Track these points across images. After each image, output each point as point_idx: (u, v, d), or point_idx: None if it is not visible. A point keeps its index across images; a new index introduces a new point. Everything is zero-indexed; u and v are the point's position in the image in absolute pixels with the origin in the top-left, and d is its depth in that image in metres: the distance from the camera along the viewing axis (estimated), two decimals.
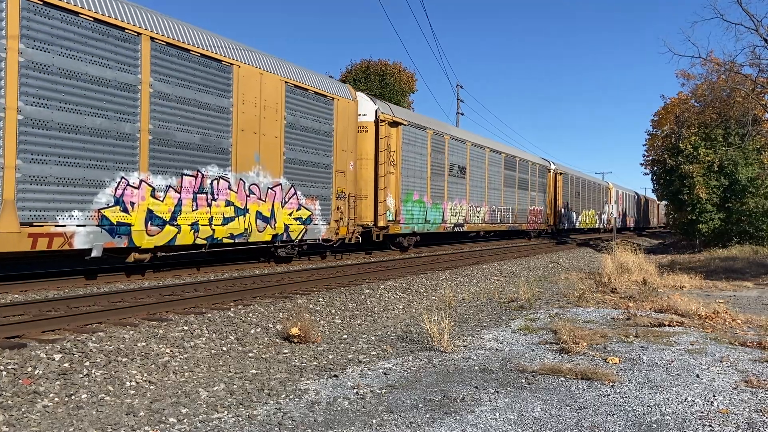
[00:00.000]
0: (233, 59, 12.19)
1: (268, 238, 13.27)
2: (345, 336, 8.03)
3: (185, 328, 7.24)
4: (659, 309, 9.91)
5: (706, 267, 18.41)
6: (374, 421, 4.65)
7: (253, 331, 7.67)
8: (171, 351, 6.48)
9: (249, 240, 12.69)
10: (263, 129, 13.08)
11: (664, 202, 58.82)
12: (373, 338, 7.86)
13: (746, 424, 4.65)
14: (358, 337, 7.96)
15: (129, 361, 6.00)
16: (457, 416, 4.75)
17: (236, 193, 12.30)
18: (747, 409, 4.99)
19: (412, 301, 11.21)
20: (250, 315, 8.27)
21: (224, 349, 6.92)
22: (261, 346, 7.18)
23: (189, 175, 11.16)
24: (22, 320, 6.86)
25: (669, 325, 8.56)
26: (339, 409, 4.96)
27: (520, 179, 29.70)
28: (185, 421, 4.66)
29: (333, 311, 9.35)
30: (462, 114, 38.27)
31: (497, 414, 4.81)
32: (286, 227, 13.79)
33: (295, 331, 7.34)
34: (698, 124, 28.84)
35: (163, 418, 4.71)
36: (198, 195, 11.34)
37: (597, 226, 46.31)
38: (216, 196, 11.77)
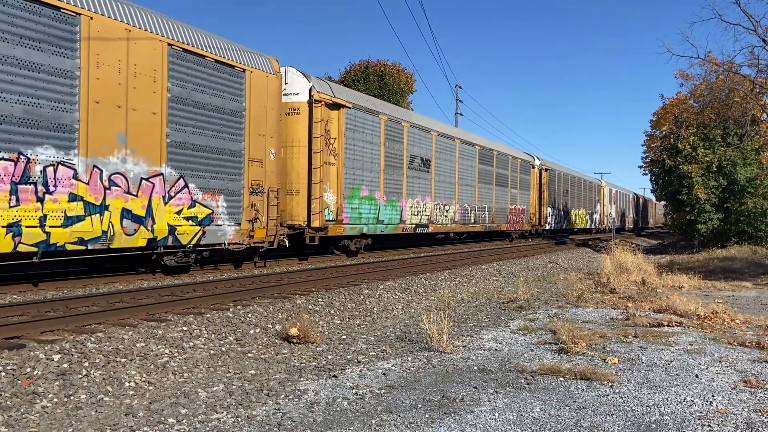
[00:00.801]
0: (80, 7, 9.42)
1: (143, 243, 10.47)
2: (344, 336, 8.03)
3: (184, 328, 7.24)
4: (658, 309, 9.92)
5: (705, 267, 18.43)
6: (373, 421, 4.65)
7: (252, 331, 7.66)
8: (170, 351, 6.48)
9: (111, 246, 9.98)
10: (133, 102, 10.23)
11: (662, 203, 58.81)
12: (372, 338, 7.86)
13: (745, 424, 4.65)
14: (358, 337, 7.96)
15: (128, 361, 6.00)
16: (457, 416, 4.75)
17: (87, 184, 9.53)
18: (746, 409, 5.00)
19: (411, 301, 11.21)
20: (249, 315, 8.26)
21: (223, 349, 6.91)
22: (260, 347, 7.18)
23: (2, 159, 8.46)
24: (21, 321, 6.85)
25: (668, 326, 8.56)
26: (338, 409, 4.96)
27: (499, 175, 27.20)
28: (184, 421, 4.66)
29: (332, 311, 9.35)
30: (461, 114, 38.29)
31: (496, 414, 4.81)
32: (172, 229, 10.96)
33: (294, 331, 7.34)
34: (697, 124, 28.88)
35: (162, 418, 4.71)
36: (19, 186, 8.60)
37: (588, 227, 44.22)
38: (51, 188, 9.03)
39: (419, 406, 5.02)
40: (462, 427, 4.54)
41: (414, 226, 19.72)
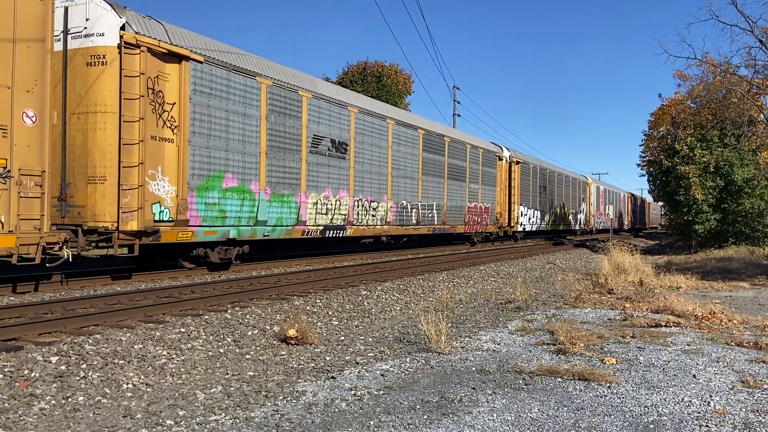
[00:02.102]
0: None
1: None
2: (342, 337, 8.03)
3: (182, 330, 7.23)
4: (656, 310, 9.93)
5: (703, 267, 18.47)
6: (372, 422, 4.65)
7: (250, 332, 7.66)
8: (168, 353, 6.47)
9: None
10: None
11: (659, 203, 58.85)
12: (370, 340, 7.85)
13: (743, 424, 4.66)
14: (356, 338, 7.96)
15: (126, 363, 5.99)
16: (455, 417, 4.76)
17: None
18: (743, 410, 5.00)
19: (409, 302, 11.21)
20: (248, 317, 8.26)
21: (221, 351, 6.91)
22: (258, 348, 7.17)
23: None
24: (19, 323, 6.84)
25: (666, 326, 8.57)
26: (336, 410, 4.96)
27: (453, 167, 22.77)
28: (182, 423, 4.66)
29: (330, 313, 9.35)
30: (459, 115, 38.34)
31: (495, 415, 4.81)
32: None
33: (292, 332, 7.34)
34: (694, 125, 28.96)
35: (161, 420, 4.70)
36: None
37: (571, 228, 39.78)
38: None
39: (417, 407, 5.02)
40: (460, 428, 4.54)
41: (321, 228, 15.16)
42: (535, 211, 31.89)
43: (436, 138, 21.63)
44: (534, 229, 31.89)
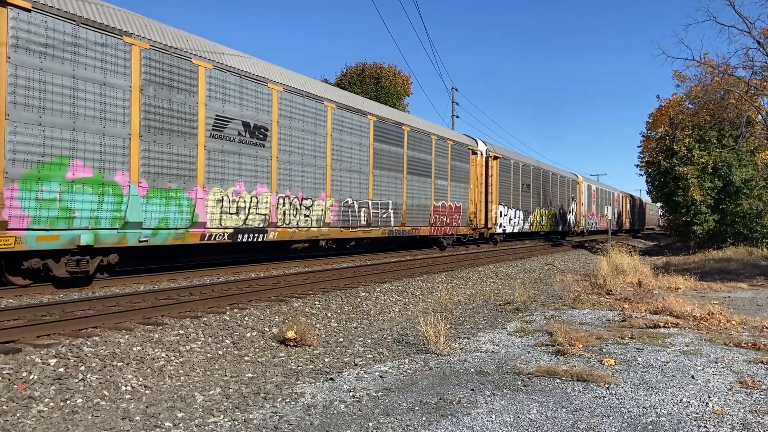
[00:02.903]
0: None
1: None
2: (341, 339, 8.03)
3: (181, 332, 7.23)
4: (654, 310, 9.95)
5: (701, 268, 18.49)
6: (371, 424, 4.65)
7: (249, 334, 7.66)
8: (167, 355, 6.47)
9: None
10: None
11: (658, 204, 58.84)
12: (369, 341, 7.85)
13: (741, 424, 4.67)
14: (355, 340, 7.96)
15: (124, 365, 5.99)
16: (454, 419, 4.76)
17: None
18: (742, 410, 5.01)
19: (408, 303, 11.21)
20: (246, 318, 8.26)
21: (220, 352, 6.90)
22: (257, 350, 7.17)
23: None
24: (17, 325, 6.83)
25: (664, 327, 8.58)
26: (335, 412, 4.96)
27: (415, 160, 19.92)
28: (181, 425, 4.65)
29: (329, 314, 9.35)
30: (457, 117, 38.37)
31: (493, 416, 4.82)
32: None
33: (291, 334, 7.34)
34: (692, 125, 29.00)
35: (159, 422, 4.70)
36: None
37: (560, 229, 37.03)
38: None
39: (416, 408, 5.02)
40: (459, 429, 4.54)
41: (231, 231, 12.30)
42: (517, 211, 29.03)
43: (391, 127, 18.50)
44: (516, 230, 29.14)
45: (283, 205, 13.96)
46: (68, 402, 5.08)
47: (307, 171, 14.84)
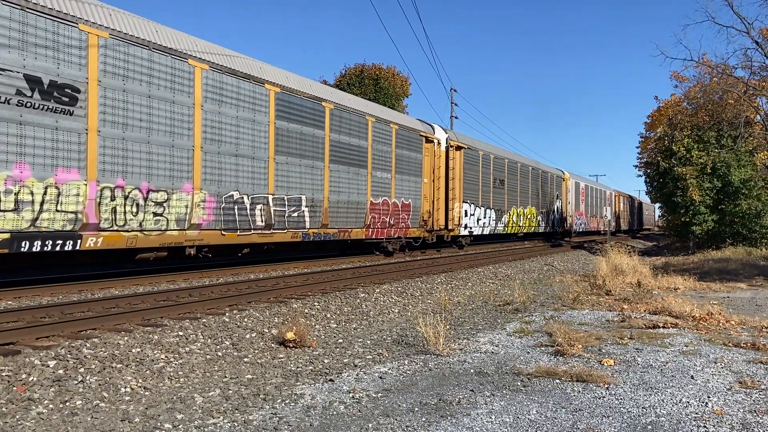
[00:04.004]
0: None
1: None
2: (341, 340, 8.03)
3: (180, 333, 7.23)
4: (654, 311, 9.95)
5: (700, 268, 18.50)
6: (370, 425, 4.65)
7: (248, 336, 7.65)
8: (166, 356, 6.46)
9: None
10: None
11: (657, 204, 58.88)
12: (368, 342, 7.85)
13: (740, 424, 4.67)
14: (354, 341, 7.96)
15: (124, 367, 5.98)
16: (453, 419, 4.76)
17: None
18: (741, 410, 5.01)
19: (407, 304, 11.21)
20: (246, 320, 8.25)
21: (219, 354, 6.90)
22: (256, 351, 7.17)
23: None
24: (16, 327, 6.82)
25: (663, 327, 8.59)
26: (335, 413, 4.96)
27: (343, 147, 16.06)
28: (181, 427, 4.65)
29: (328, 315, 9.34)
30: (456, 117, 38.37)
31: (493, 417, 4.82)
32: None
33: (290, 335, 7.34)
34: (691, 126, 29.02)
35: (159, 424, 4.70)
36: None
37: (541, 230, 33.57)
38: None
39: (416, 409, 5.02)
40: (459, 429, 4.54)
41: (7, 236, 8.58)
42: (488, 210, 25.53)
43: (304, 102, 14.59)
44: (487, 232, 25.61)
45: (112, 200, 10.10)
46: (67, 404, 5.08)
47: (159, 153, 10.83)
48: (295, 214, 14.39)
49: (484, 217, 25.19)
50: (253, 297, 9.87)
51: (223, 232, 12.26)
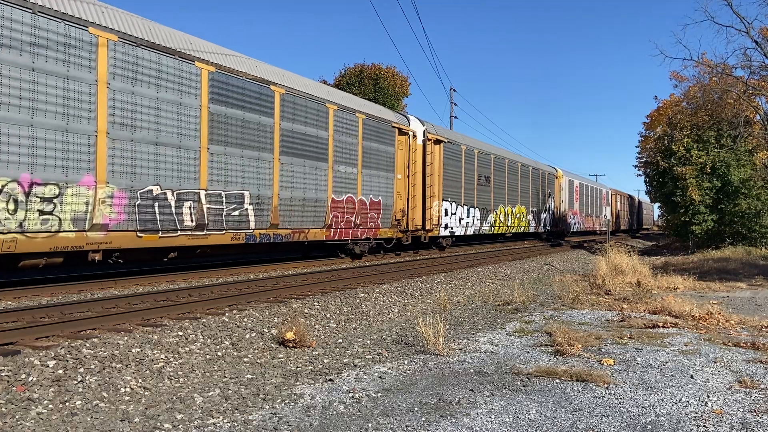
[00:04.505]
0: None
1: None
2: (340, 340, 8.03)
3: (180, 333, 7.22)
4: (653, 310, 9.95)
5: (700, 268, 18.49)
6: (370, 425, 4.65)
7: (248, 335, 7.65)
8: (166, 356, 6.46)
9: None
10: None
11: (656, 204, 58.85)
12: (368, 342, 7.85)
13: (740, 424, 4.67)
14: (354, 341, 7.96)
15: (123, 367, 5.98)
16: (453, 419, 4.76)
17: None
18: (741, 410, 5.02)
19: (407, 304, 11.21)
20: (245, 320, 8.25)
21: (219, 354, 6.90)
22: (256, 351, 7.17)
23: None
24: (16, 327, 6.83)
25: (663, 327, 8.59)
26: (335, 413, 4.96)
27: (297, 136, 14.32)
28: (180, 427, 4.65)
29: (328, 315, 9.34)
30: (456, 117, 38.37)
31: (493, 416, 4.82)
32: None
33: (290, 335, 7.34)
34: (690, 126, 29.02)
35: (159, 424, 4.70)
36: None
37: (531, 230, 31.97)
38: None
39: (416, 409, 5.02)
40: (458, 429, 4.55)
41: None
42: (472, 209, 23.99)
43: (248, 84, 12.86)
44: (471, 232, 24.02)
45: None
46: (67, 404, 5.07)
47: (48, 139, 9.15)
48: (236, 213, 12.63)
49: (468, 217, 23.67)
50: (253, 297, 9.87)
51: (139, 234, 10.53)
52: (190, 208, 11.57)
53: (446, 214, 21.80)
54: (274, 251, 17.43)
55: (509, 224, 28.44)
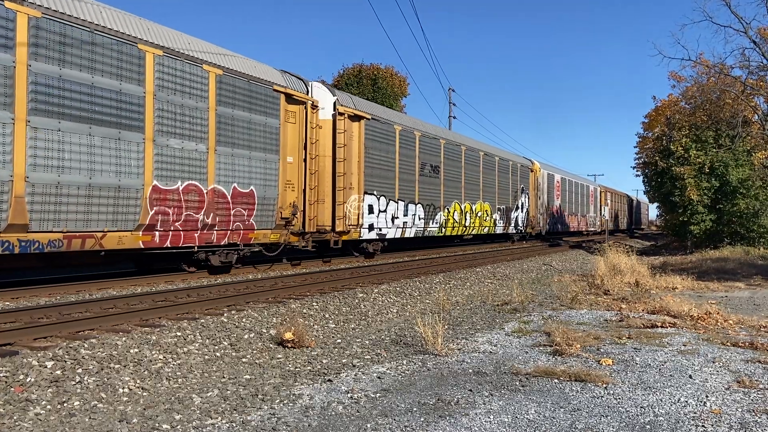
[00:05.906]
0: None
1: None
2: (339, 340, 8.02)
3: (178, 333, 7.22)
4: (652, 310, 9.96)
5: (698, 268, 18.51)
6: (369, 425, 4.65)
7: (246, 336, 7.65)
8: (164, 357, 6.45)
9: None
10: None
11: (655, 204, 58.83)
12: (367, 342, 7.85)
13: (739, 424, 4.68)
14: (352, 341, 7.95)
15: (122, 367, 5.97)
16: (452, 419, 4.76)
17: None
18: (739, 409, 5.02)
19: (406, 304, 11.21)
20: (244, 320, 8.24)
21: (218, 354, 6.89)
22: (255, 352, 7.16)
23: None
24: (14, 327, 6.81)
25: (662, 327, 8.59)
26: (333, 413, 4.95)
27: (63, 90, 9.19)
28: (179, 427, 4.64)
29: (327, 315, 9.34)
30: (454, 117, 38.37)
31: (491, 417, 4.81)
32: None
33: (288, 335, 7.33)
34: (689, 126, 29.05)
35: (157, 424, 4.69)
36: None
37: (501, 231, 28.03)
38: None
39: (414, 409, 5.01)
40: (457, 429, 4.54)
41: None
42: (412, 206, 19.64)
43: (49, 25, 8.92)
44: (411, 234, 19.69)
45: None
46: (65, 404, 5.07)
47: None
48: None
49: (405, 215, 19.17)
50: (252, 297, 9.86)
51: None
52: None
53: (371, 212, 17.26)
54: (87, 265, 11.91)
55: (467, 224, 24.01)
